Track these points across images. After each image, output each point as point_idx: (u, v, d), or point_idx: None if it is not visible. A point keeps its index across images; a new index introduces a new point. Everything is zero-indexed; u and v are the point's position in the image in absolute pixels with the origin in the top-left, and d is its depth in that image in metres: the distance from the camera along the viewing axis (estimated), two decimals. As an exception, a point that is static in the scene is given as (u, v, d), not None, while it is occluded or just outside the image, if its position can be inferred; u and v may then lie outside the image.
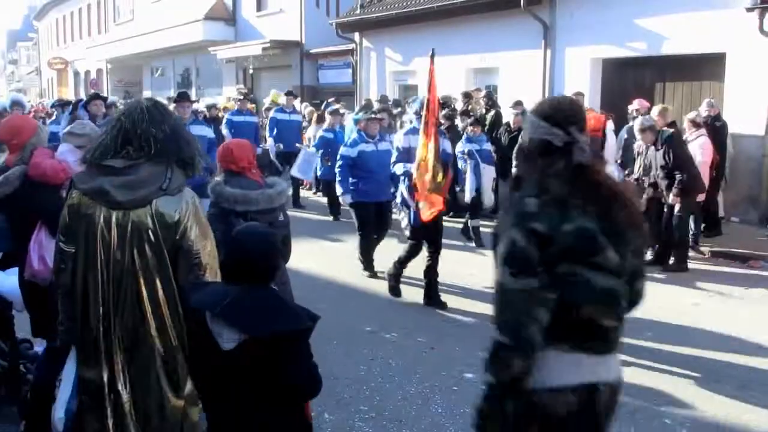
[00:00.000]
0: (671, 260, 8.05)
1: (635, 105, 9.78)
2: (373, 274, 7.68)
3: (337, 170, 7.80)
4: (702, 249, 8.74)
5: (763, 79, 10.01)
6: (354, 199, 7.69)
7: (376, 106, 14.11)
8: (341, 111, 12.82)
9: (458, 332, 6.00)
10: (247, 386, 2.61)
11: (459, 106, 12.00)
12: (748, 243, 8.98)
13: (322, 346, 4.84)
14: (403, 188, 6.63)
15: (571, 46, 12.71)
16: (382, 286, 7.22)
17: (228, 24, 23.14)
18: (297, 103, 14.29)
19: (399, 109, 12.86)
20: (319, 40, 19.26)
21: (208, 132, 8.49)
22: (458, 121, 11.24)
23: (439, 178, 6.23)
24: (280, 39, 20.05)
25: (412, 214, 6.51)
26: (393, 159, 6.92)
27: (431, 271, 6.68)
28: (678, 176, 7.77)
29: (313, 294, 6.03)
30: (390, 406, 4.55)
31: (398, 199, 6.86)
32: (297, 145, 12.56)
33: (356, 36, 18.01)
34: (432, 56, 6.31)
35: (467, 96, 12.29)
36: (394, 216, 8.19)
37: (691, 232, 8.45)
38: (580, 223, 2.09)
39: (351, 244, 9.42)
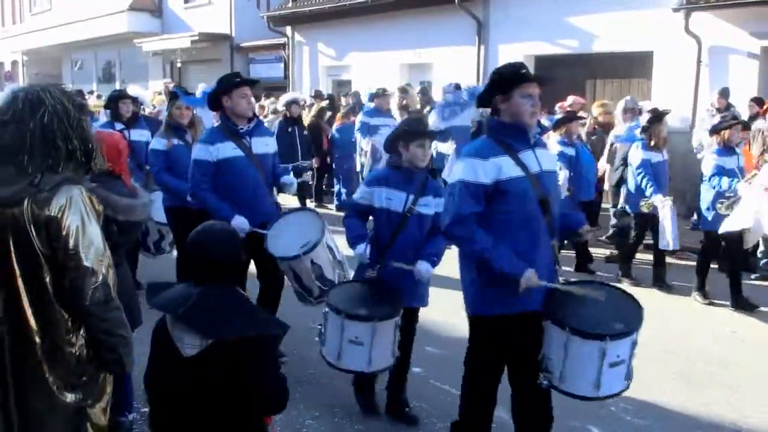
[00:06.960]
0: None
1: (569, 101, 9.88)
2: None
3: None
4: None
5: (689, 77, 10.37)
6: None
7: (309, 101, 13.95)
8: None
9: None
10: (207, 397, 2.43)
11: (394, 101, 11.89)
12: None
13: (315, 354, 4.37)
14: None
15: (504, 43, 12.85)
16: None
17: (154, 15, 22.44)
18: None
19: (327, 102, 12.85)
20: (250, 34, 18.87)
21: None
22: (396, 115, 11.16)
23: None
24: (209, 32, 19.56)
25: None
26: None
27: None
28: None
29: (303, 306, 4.99)
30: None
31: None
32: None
33: (288, 30, 17.73)
34: None
35: (404, 91, 12.21)
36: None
37: None
38: None
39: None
